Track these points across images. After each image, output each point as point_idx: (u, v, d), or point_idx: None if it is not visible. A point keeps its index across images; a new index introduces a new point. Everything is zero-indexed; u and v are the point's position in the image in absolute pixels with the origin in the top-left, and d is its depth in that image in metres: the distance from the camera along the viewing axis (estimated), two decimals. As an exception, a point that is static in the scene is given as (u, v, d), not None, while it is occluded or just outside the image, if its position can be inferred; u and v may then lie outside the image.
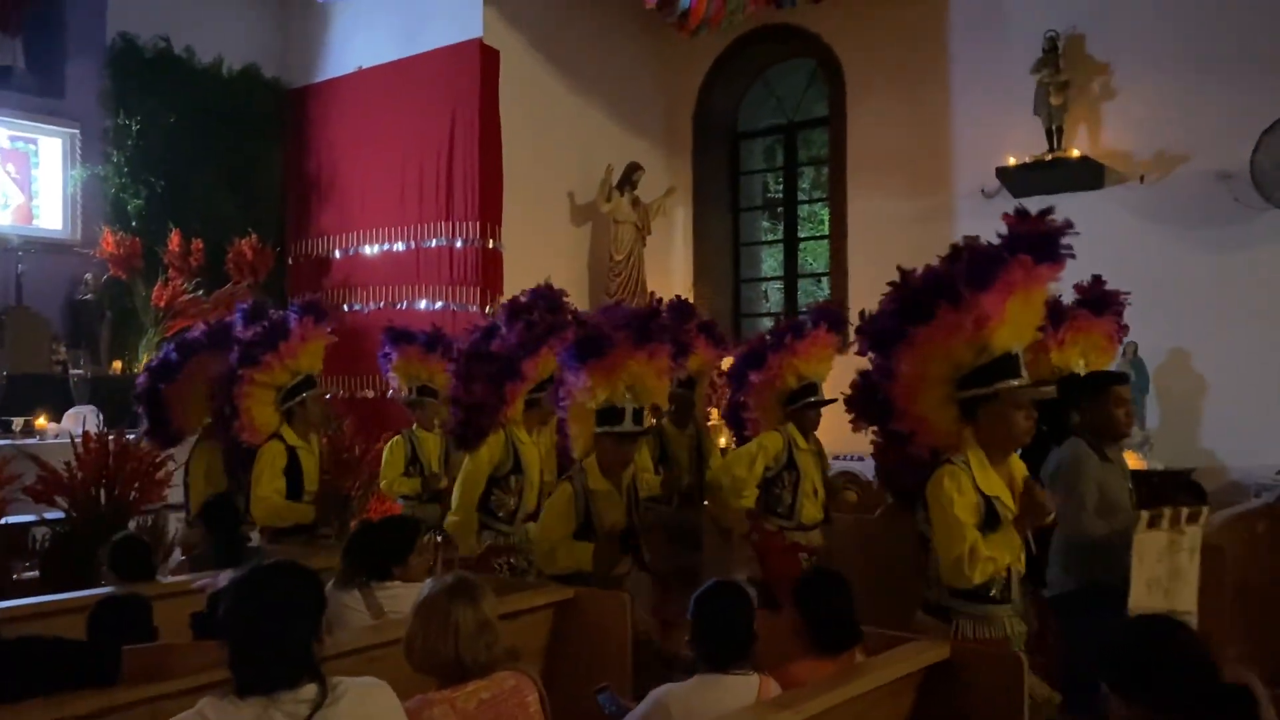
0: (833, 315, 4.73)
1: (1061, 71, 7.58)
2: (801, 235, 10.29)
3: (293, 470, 4.49)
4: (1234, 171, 7.08)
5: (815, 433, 4.70)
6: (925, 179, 8.45)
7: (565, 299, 4.82)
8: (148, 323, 7.80)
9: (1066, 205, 7.57)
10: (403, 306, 8.05)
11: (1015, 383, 2.87)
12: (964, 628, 2.89)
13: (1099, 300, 4.35)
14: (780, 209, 10.35)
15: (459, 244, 7.87)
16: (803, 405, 4.58)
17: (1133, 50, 7.55)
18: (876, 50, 8.69)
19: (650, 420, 4.52)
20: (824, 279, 9.38)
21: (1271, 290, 7.05)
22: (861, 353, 3.26)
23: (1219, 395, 7.16)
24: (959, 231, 8.11)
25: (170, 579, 4.09)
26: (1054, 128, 7.62)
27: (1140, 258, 7.44)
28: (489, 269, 7.79)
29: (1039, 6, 7.83)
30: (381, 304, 8.18)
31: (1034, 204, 7.71)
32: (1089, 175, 7.60)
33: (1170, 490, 5.81)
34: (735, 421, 4.96)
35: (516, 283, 7.79)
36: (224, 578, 2.75)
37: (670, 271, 9.67)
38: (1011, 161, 7.80)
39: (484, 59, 7.92)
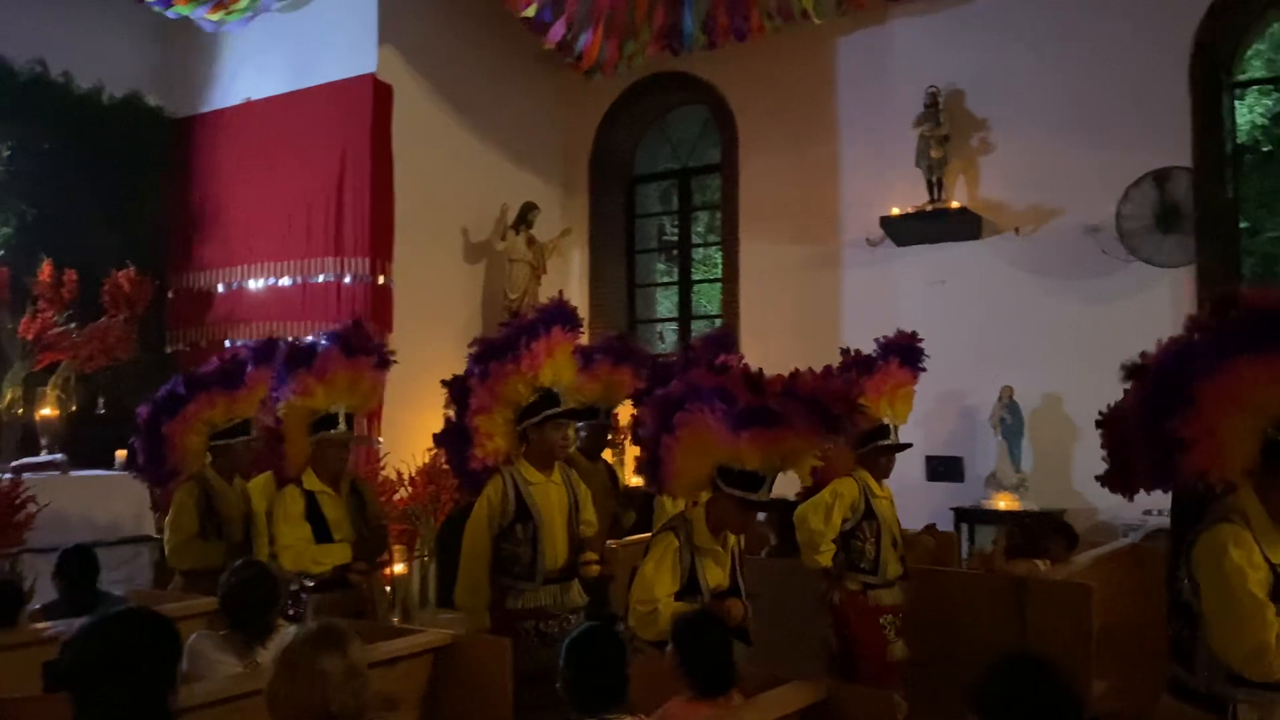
0: (906, 349, 4.52)
1: (942, 126, 7.88)
2: (695, 278, 10.42)
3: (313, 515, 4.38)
4: (1101, 225, 7.44)
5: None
6: (814, 226, 8.67)
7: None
8: (14, 356, 7.42)
9: (947, 255, 8.09)
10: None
11: None
12: (1245, 716, 2.46)
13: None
14: (675, 252, 10.48)
15: (348, 279, 7.73)
16: (873, 449, 4.32)
17: (1009, 108, 7.91)
18: (767, 101, 8.91)
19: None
20: (717, 321, 9.50)
21: (1135, 339, 7.21)
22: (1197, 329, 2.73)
23: (1089, 439, 7.43)
24: (846, 278, 8.54)
25: (27, 627, 3.87)
26: (935, 180, 7.91)
27: (1016, 306, 7.79)
28: (379, 305, 7.66)
29: (921, 63, 8.14)
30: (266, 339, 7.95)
31: (915, 252, 8.20)
32: (968, 226, 7.89)
33: (1044, 531, 6.00)
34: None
35: (407, 319, 7.76)
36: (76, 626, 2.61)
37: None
38: (895, 211, 8.05)
39: (377, 94, 7.85)
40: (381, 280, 7.72)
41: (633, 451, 6.05)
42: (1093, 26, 7.60)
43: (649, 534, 4.12)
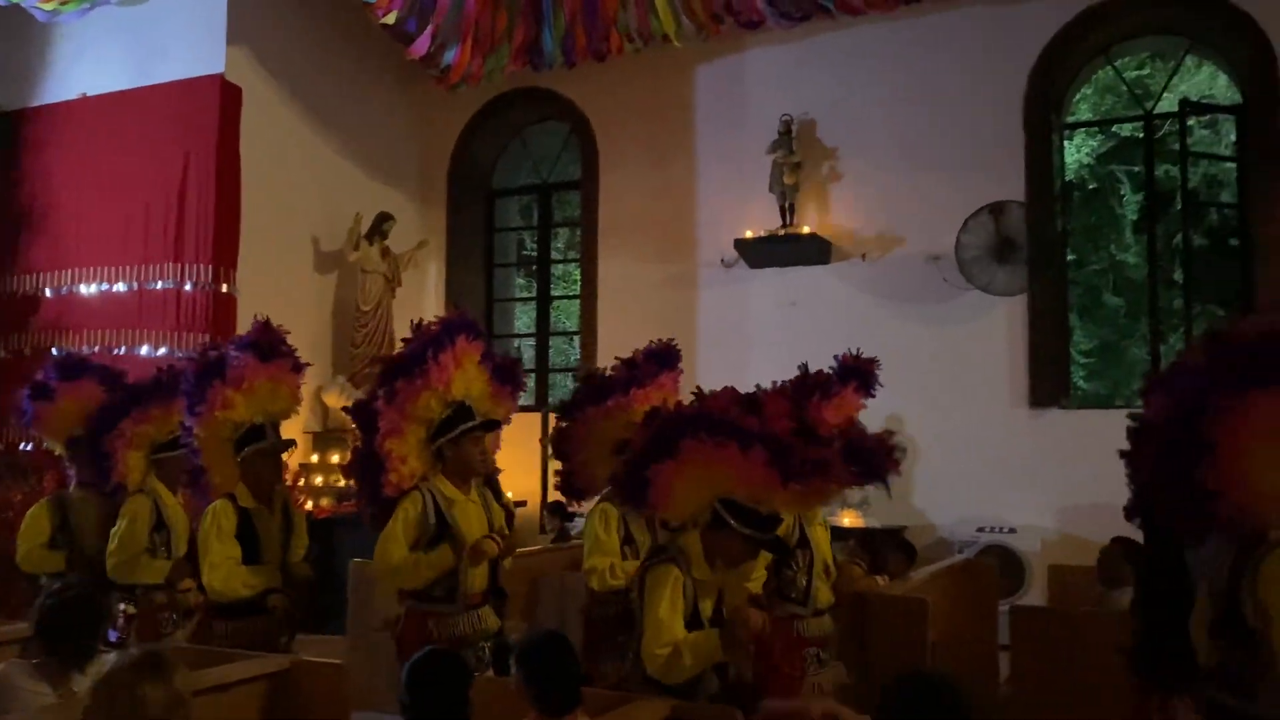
0: (864, 373, 4.41)
1: (794, 153, 8.13)
2: (555, 294, 10.42)
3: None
4: (942, 254, 7.79)
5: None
6: (671, 246, 8.79)
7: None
8: None
9: (798, 278, 8.31)
10: (121, 351, 7.44)
11: None
12: None
13: None
14: (535, 267, 10.45)
15: (188, 287, 7.39)
16: None
17: (857, 139, 8.21)
18: (628, 121, 9.00)
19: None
20: (575, 337, 9.51)
21: (973, 364, 7.77)
22: (1188, 373, 2.60)
23: (927, 459, 7.77)
24: (702, 298, 8.67)
25: None
26: (787, 205, 8.14)
27: (862, 329, 7.99)
28: (220, 314, 7.34)
29: (776, 92, 8.37)
30: (97, 348, 7.51)
31: (768, 275, 8.41)
32: (817, 251, 8.15)
33: (885, 548, 6.22)
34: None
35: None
36: None
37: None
38: (749, 234, 8.24)
39: (225, 96, 7.55)
40: (225, 289, 7.42)
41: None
42: (936, 66, 7.98)
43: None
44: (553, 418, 4.92)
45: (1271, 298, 7.06)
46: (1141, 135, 9.31)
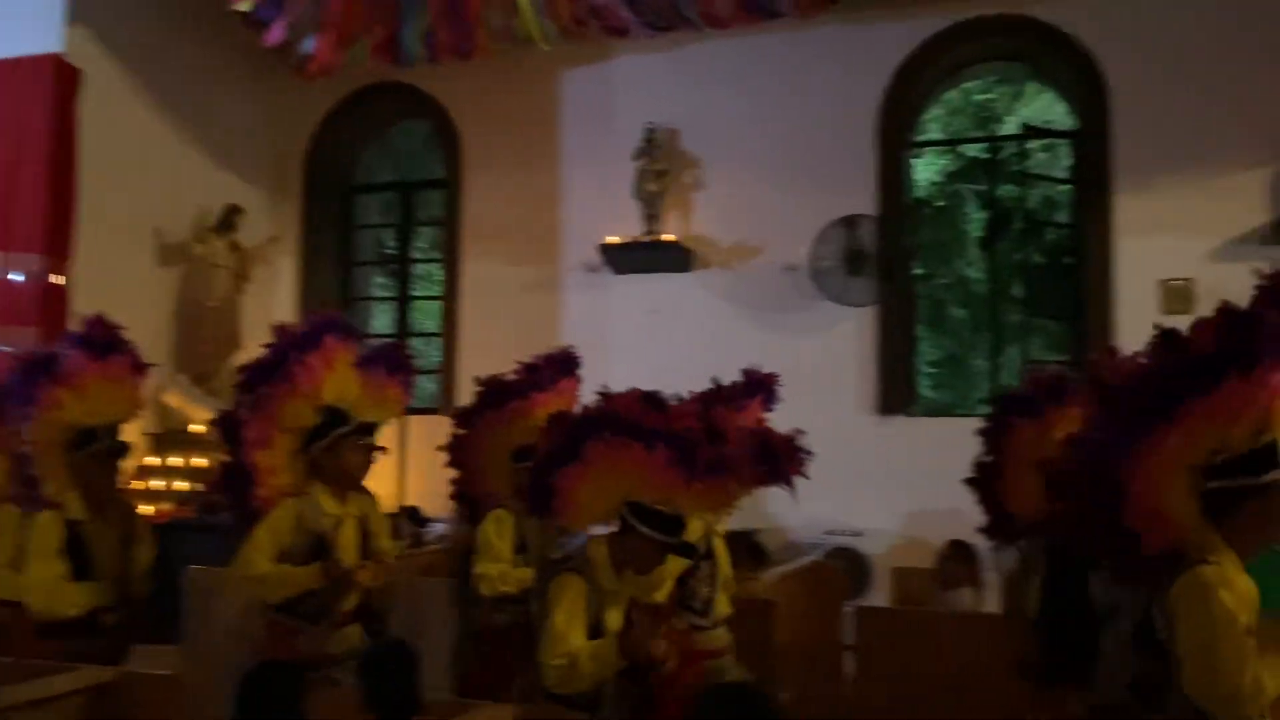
0: (769, 389, 4.33)
1: (659, 161, 8.21)
2: (415, 294, 10.23)
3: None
4: (797, 265, 8.00)
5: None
6: (535, 249, 8.75)
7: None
8: None
9: (660, 285, 8.39)
10: (-62, 345, 6.93)
11: None
12: None
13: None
14: (395, 266, 10.24)
15: (15, 276, 6.94)
16: None
17: (719, 149, 8.35)
18: (493, 121, 8.91)
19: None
20: (436, 339, 9.36)
21: (825, 372, 7.97)
22: (1092, 425, 2.68)
23: (782, 463, 7.94)
24: (566, 302, 8.66)
25: None
26: (651, 212, 8.21)
27: (725, 337, 8.17)
28: (51, 306, 6.92)
29: (642, 100, 8.44)
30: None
31: (631, 281, 8.46)
32: (680, 258, 8.25)
33: (736, 551, 6.31)
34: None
35: (86, 325, 7.05)
36: None
37: (272, 322, 9.17)
38: (612, 240, 8.28)
39: (61, 77, 7.11)
40: (56, 279, 6.99)
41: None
42: (796, 81, 8.19)
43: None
44: (448, 422, 4.70)
45: (1099, 312, 7.52)
46: (987, 156, 9.78)
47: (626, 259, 8.32)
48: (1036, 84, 9.06)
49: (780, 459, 3.46)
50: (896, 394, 7.95)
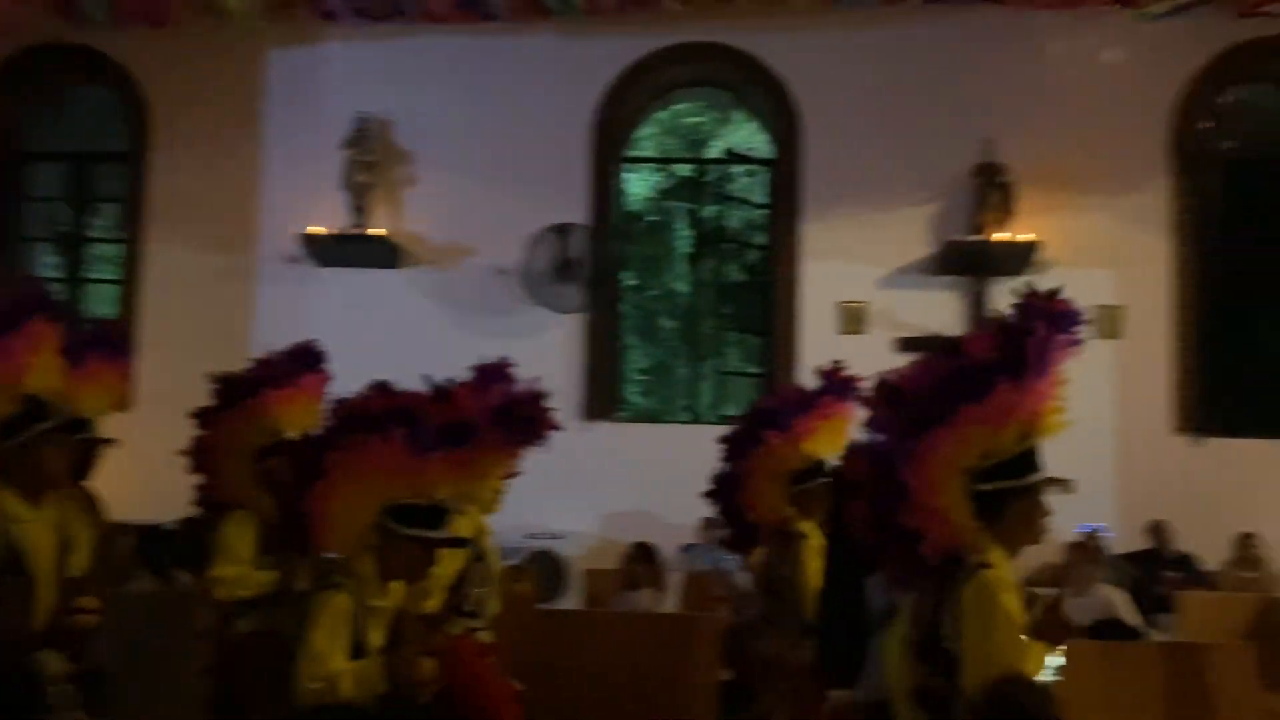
0: (502, 375, 4.09)
1: (370, 152, 7.96)
2: (91, 275, 9.32)
3: None
4: (509, 269, 8.01)
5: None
6: (230, 235, 8.23)
7: None
8: None
9: (367, 281, 8.13)
10: None
11: (1040, 476, 2.56)
12: None
13: (840, 385, 4.18)
14: (68, 244, 9.28)
15: None
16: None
17: (435, 145, 8.21)
18: (187, 94, 8.29)
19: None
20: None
21: (533, 377, 8.02)
22: (878, 429, 2.74)
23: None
24: (262, 293, 8.19)
25: None
26: (359, 204, 7.93)
27: (432, 337, 8.01)
28: None
29: (354, 88, 8.16)
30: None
31: (335, 275, 8.14)
32: (388, 254, 8.03)
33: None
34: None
35: None
36: None
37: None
38: (316, 231, 7.93)
39: None
40: None
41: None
42: (515, 85, 8.20)
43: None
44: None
45: (786, 329, 8.06)
46: (694, 176, 10.24)
47: (331, 251, 7.99)
48: (742, 112, 9.59)
49: (528, 415, 3.41)
50: (602, 400, 8.14)
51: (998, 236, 7.65)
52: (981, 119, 7.80)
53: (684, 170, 12.28)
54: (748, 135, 11.32)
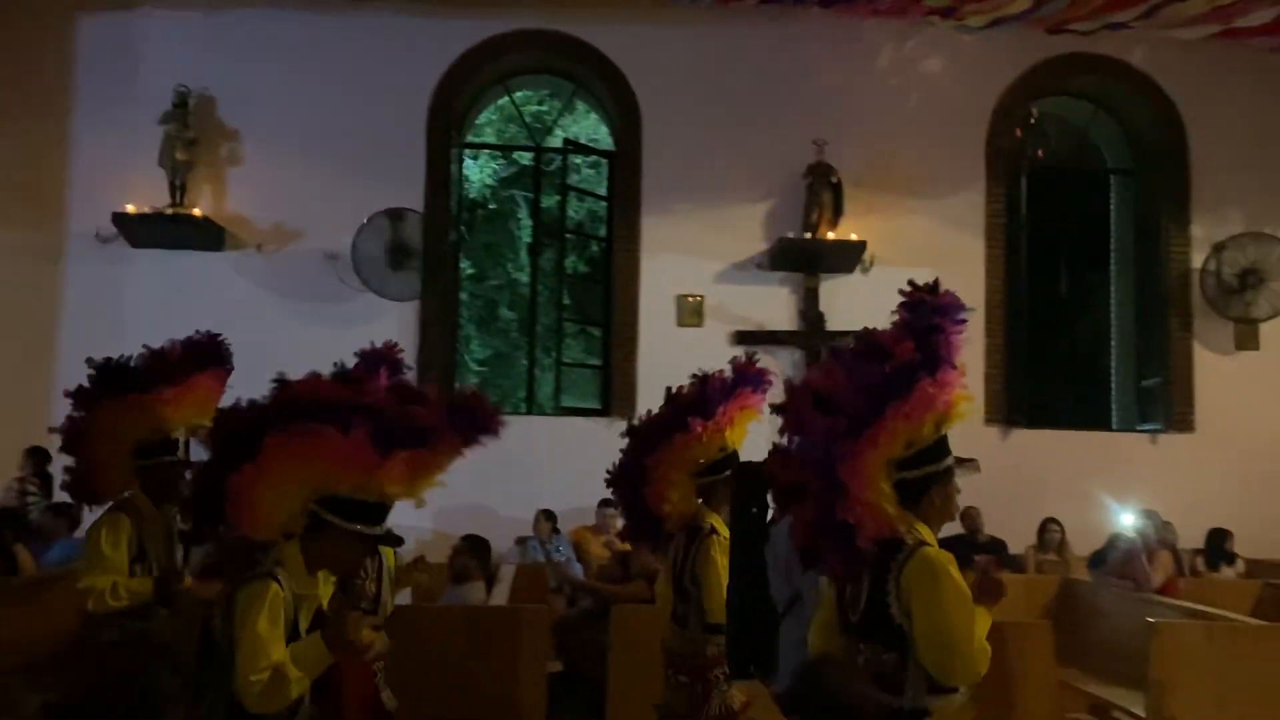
0: (391, 360, 3.97)
1: (190, 129, 7.56)
2: None
3: None
4: (339, 254, 7.76)
5: None
6: (34, 211, 7.69)
7: None
8: None
9: (186, 262, 7.73)
10: None
11: (953, 458, 2.75)
12: None
13: (755, 377, 4.11)
14: None
15: None
16: None
17: (262, 124, 7.88)
18: (-13, 57, 7.68)
19: None
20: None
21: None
22: (799, 431, 2.83)
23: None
24: (71, 273, 7.68)
25: None
26: (178, 183, 7.53)
27: (258, 323, 7.65)
28: None
29: (171, 60, 7.74)
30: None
31: (152, 257, 7.70)
32: (210, 236, 7.66)
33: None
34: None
35: None
36: None
37: None
38: (131, 209, 7.49)
39: None
40: None
41: None
42: (348, 65, 7.94)
43: None
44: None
45: (626, 321, 8.10)
46: (535, 165, 10.16)
47: (148, 231, 7.57)
48: (584, 102, 9.57)
49: (476, 414, 3.29)
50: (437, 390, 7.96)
51: (828, 235, 7.92)
52: (813, 121, 8.04)
53: (525, 159, 12.20)
54: (591, 126, 11.37)
